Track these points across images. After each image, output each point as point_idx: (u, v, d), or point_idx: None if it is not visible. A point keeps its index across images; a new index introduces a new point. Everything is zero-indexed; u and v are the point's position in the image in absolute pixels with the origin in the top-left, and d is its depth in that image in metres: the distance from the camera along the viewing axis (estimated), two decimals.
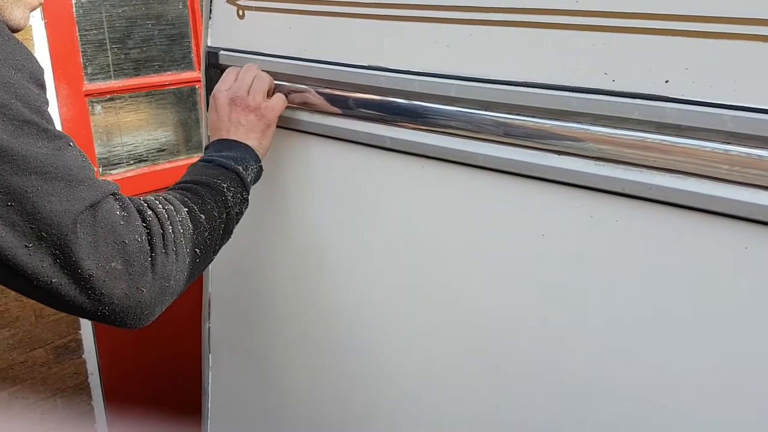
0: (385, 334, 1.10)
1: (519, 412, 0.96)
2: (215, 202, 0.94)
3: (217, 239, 0.94)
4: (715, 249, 0.74)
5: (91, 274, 0.75)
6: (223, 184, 0.97)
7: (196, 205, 0.90)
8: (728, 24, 0.69)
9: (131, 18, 2.14)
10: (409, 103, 0.97)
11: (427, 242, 1.01)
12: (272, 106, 1.09)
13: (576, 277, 0.86)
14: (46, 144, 0.74)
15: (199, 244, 0.88)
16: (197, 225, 0.89)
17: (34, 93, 0.75)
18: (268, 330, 1.32)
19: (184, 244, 0.85)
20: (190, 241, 0.87)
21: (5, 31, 0.77)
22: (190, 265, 0.87)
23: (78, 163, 0.77)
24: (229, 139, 1.06)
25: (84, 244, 0.74)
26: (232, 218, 0.98)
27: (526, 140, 0.85)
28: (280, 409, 1.34)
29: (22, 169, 0.71)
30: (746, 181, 0.70)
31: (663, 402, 0.81)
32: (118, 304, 0.78)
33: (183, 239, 0.85)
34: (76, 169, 0.76)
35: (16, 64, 0.74)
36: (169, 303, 0.85)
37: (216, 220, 0.93)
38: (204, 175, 0.97)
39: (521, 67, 0.84)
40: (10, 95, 0.72)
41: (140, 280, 0.79)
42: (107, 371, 2.21)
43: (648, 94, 0.75)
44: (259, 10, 1.13)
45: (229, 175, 0.99)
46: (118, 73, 2.14)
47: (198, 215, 0.90)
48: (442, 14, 0.90)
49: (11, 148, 0.70)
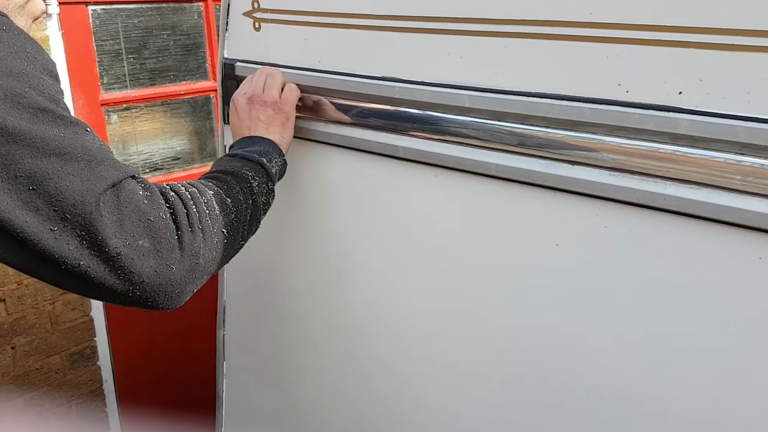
0: (399, 341, 1.11)
1: (534, 419, 0.96)
2: (240, 188, 0.94)
3: (244, 224, 0.93)
4: (728, 259, 0.74)
5: (119, 252, 0.75)
6: (249, 172, 0.97)
7: (222, 190, 0.90)
8: (741, 36, 0.69)
9: (147, 28, 2.17)
10: (422, 113, 0.98)
11: (441, 251, 1.02)
12: (287, 98, 1.11)
13: (590, 287, 0.86)
14: (63, 129, 0.74)
15: (226, 225, 0.88)
16: (223, 207, 0.88)
17: (48, 83, 0.76)
18: (283, 338, 1.33)
19: (210, 223, 0.85)
20: (216, 221, 0.86)
21: (14, 27, 0.78)
22: (218, 245, 0.86)
23: (96, 144, 0.77)
24: (251, 135, 1.07)
25: (109, 223, 0.74)
26: (259, 206, 0.97)
27: (540, 150, 0.86)
28: (294, 416, 1.35)
29: (42, 152, 0.71)
30: (759, 191, 0.70)
31: (678, 411, 0.81)
32: (148, 283, 0.77)
33: (209, 219, 0.85)
34: (95, 150, 0.76)
35: (28, 56, 0.75)
36: (200, 283, 0.85)
37: (242, 204, 0.93)
38: (229, 166, 0.98)
39: (535, 78, 0.85)
40: (24, 84, 0.72)
41: (169, 257, 0.78)
42: (122, 378, 2.23)
43: (662, 105, 0.75)
44: (274, 23, 1.15)
45: (254, 167, 0.99)
46: (134, 83, 2.16)
47: (224, 198, 0.89)
48: (456, 26, 0.91)
49: (29, 132, 0.70)
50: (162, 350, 2.27)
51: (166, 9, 2.19)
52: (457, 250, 1.00)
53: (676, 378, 0.81)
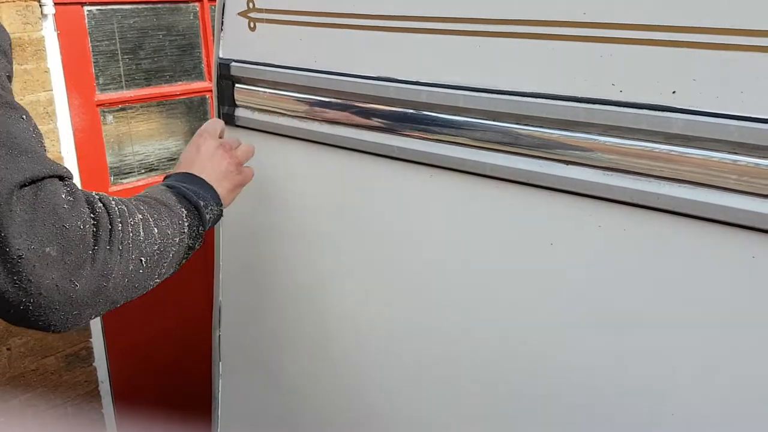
0: (395, 342, 1.11)
1: (532, 417, 0.96)
2: (171, 222, 0.87)
3: (165, 260, 0.84)
4: (722, 258, 0.75)
5: (21, 256, 0.66)
6: (183, 210, 0.90)
7: (152, 218, 0.83)
8: (734, 36, 0.70)
9: (142, 29, 2.17)
10: (417, 113, 0.98)
11: (437, 251, 1.02)
12: (249, 172, 1.09)
13: (584, 285, 0.86)
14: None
15: (146, 255, 0.80)
16: (149, 235, 0.81)
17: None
18: (278, 338, 1.33)
19: (131, 248, 0.77)
20: (138, 248, 0.78)
21: None
22: (132, 274, 0.77)
23: (26, 135, 0.70)
24: (200, 176, 1.00)
25: (18, 221, 0.66)
26: (184, 248, 0.89)
27: (535, 150, 0.86)
28: (290, 416, 1.35)
29: None
30: (752, 190, 0.70)
31: (671, 410, 0.82)
32: (45, 296, 0.68)
33: (131, 242, 0.77)
34: (21, 139, 0.69)
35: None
36: (100, 311, 0.75)
37: (169, 239, 0.85)
38: (164, 197, 0.90)
39: (529, 78, 0.85)
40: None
41: (75, 273, 0.70)
42: (117, 379, 2.23)
43: (655, 105, 0.76)
44: (270, 23, 1.15)
45: (189, 206, 0.92)
46: (129, 84, 2.16)
47: (151, 227, 0.82)
48: (451, 26, 0.91)
49: None
50: (158, 351, 2.27)
51: (162, 9, 2.19)
52: (453, 250, 1.00)
53: (670, 375, 0.81)
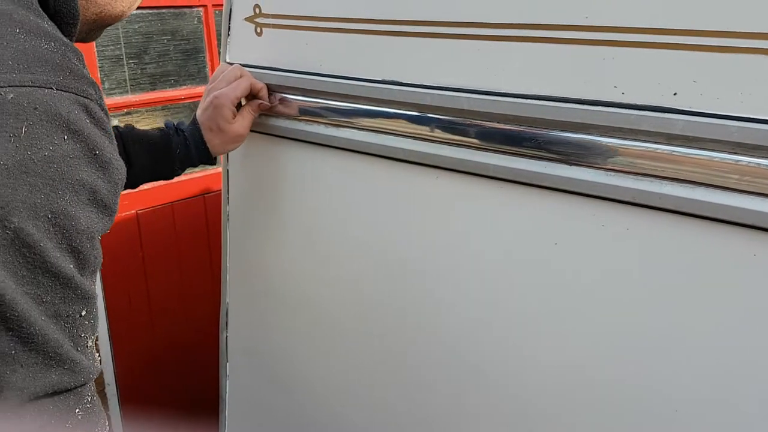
0: (403, 343, 1.12)
1: (532, 417, 0.97)
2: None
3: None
4: (723, 256, 0.76)
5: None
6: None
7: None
8: (734, 38, 0.71)
9: (147, 33, 2.18)
10: (422, 115, 0.99)
11: (443, 252, 1.03)
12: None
13: (588, 285, 0.87)
14: (50, 297, 0.59)
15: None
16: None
17: (82, 223, 0.60)
18: (286, 339, 1.34)
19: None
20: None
21: (98, 115, 0.61)
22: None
23: (61, 341, 0.61)
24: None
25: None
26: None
27: (538, 151, 0.87)
28: (299, 418, 1.36)
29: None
30: (753, 189, 0.71)
31: (674, 407, 0.83)
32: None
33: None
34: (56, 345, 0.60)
35: (80, 180, 0.59)
36: None
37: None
38: None
39: (532, 80, 0.87)
40: (44, 231, 0.57)
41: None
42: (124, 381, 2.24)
43: (657, 106, 0.77)
44: (276, 28, 1.16)
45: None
46: (134, 88, 2.18)
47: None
48: (455, 30, 0.93)
49: (7, 296, 0.56)
50: (164, 353, 2.28)
51: (166, 14, 2.21)
52: (458, 251, 1.01)
53: (673, 376, 0.82)
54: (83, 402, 0.65)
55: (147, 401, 2.29)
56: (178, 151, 1.15)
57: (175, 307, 2.25)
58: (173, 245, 2.21)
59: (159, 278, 2.19)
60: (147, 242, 2.15)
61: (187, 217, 2.23)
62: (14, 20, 0.60)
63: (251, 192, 1.31)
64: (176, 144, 1.15)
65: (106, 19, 0.77)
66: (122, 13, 0.77)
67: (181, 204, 2.22)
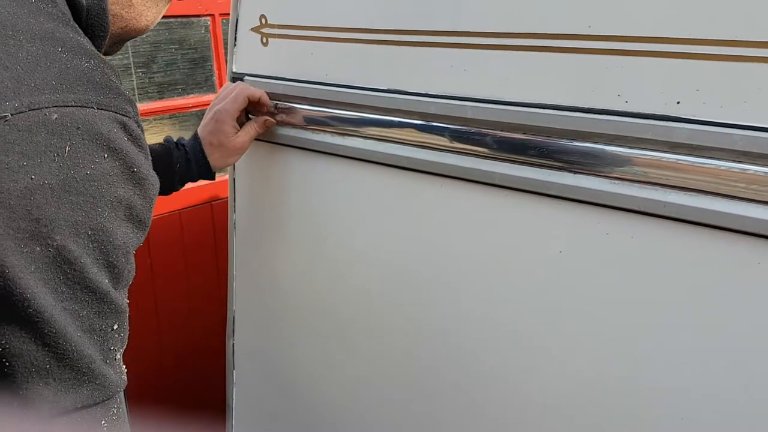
0: (411, 351, 1.12)
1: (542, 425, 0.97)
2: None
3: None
4: (728, 264, 0.76)
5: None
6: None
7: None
8: (737, 47, 0.71)
9: (155, 43, 2.20)
10: (427, 124, 1.00)
11: (448, 259, 1.03)
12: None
13: (592, 293, 0.88)
14: (88, 312, 0.60)
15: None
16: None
17: (118, 238, 0.61)
18: (293, 347, 1.34)
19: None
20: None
21: (136, 132, 0.62)
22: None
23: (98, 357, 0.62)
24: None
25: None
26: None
27: (543, 159, 0.88)
28: (305, 425, 1.36)
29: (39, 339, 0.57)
30: (757, 198, 0.71)
31: (681, 415, 0.83)
32: None
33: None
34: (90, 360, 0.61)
35: (118, 197, 0.60)
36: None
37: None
38: None
39: (537, 89, 0.87)
40: (84, 247, 0.58)
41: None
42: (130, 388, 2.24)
43: (660, 115, 0.77)
44: (282, 38, 1.17)
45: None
46: (142, 97, 2.19)
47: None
48: (459, 39, 0.93)
49: (46, 312, 0.56)
50: (172, 360, 2.28)
51: (174, 23, 2.22)
52: (462, 258, 1.01)
53: (678, 382, 0.82)
54: (109, 414, 0.66)
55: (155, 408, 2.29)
56: (179, 166, 1.16)
57: (183, 313, 2.25)
58: (181, 253, 2.22)
59: (166, 285, 2.20)
60: (155, 250, 2.16)
61: (194, 224, 2.24)
62: (56, 39, 0.61)
63: (257, 200, 1.32)
64: (177, 158, 1.16)
65: (130, 33, 0.78)
66: (146, 26, 0.79)
67: (189, 211, 2.23)
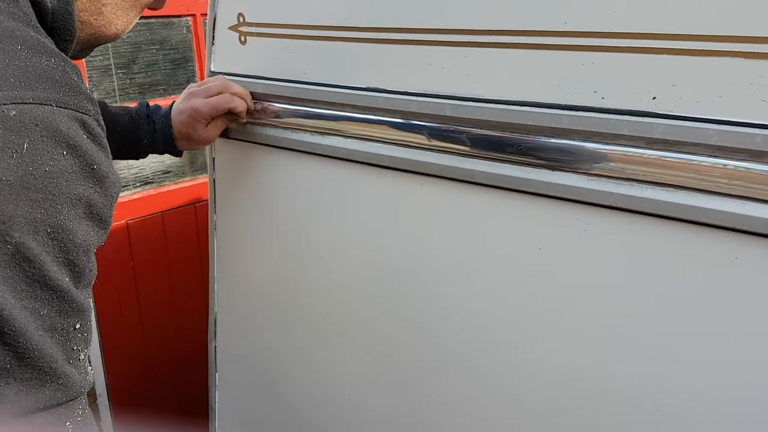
0: (393, 351, 1.12)
1: (523, 421, 0.97)
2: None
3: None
4: (705, 259, 0.76)
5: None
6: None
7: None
8: (712, 42, 0.71)
9: (136, 43, 2.18)
10: (406, 122, 0.99)
11: (428, 257, 1.03)
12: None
13: (571, 289, 0.88)
14: (48, 310, 0.60)
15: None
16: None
17: (79, 237, 0.61)
18: (275, 349, 1.34)
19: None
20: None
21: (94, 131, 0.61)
22: None
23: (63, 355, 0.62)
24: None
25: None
26: None
27: (521, 157, 0.88)
28: (289, 426, 1.35)
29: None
30: (733, 192, 0.72)
31: (661, 411, 0.83)
32: None
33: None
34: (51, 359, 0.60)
35: (77, 195, 0.60)
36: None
37: None
38: None
39: (513, 86, 0.87)
40: (43, 245, 0.58)
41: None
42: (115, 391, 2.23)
43: (636, 111, 0.77)
44: (260, 36, 1.16)
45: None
46: (123, 98, 2.17)
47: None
48: (437, 37, 0.93)
49: (5, 310, 0.56)
50: (156, 362, 2.27)
51: (155, 24, 2.21)
52: (442, 256, 1.01)
53: (657, 377, 0.82)
54: (74, 416, 0.65)
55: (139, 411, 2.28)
56: (145, 141, 1.16)
57: (166, 316, 2.24)
58: (164, 255, 2.21)
59: (150, 288, 2.18)
60: (137, 252, 2.14)
61: (177, 226, 2.23)
62: (16, 37, 0.61)
63: (238, 201, 1.31)
64: (144, 133, 1.16)
65: (99, 40, 0.78)
66: (116, 35, 0.78)
67: (172, 213, 2.21)
